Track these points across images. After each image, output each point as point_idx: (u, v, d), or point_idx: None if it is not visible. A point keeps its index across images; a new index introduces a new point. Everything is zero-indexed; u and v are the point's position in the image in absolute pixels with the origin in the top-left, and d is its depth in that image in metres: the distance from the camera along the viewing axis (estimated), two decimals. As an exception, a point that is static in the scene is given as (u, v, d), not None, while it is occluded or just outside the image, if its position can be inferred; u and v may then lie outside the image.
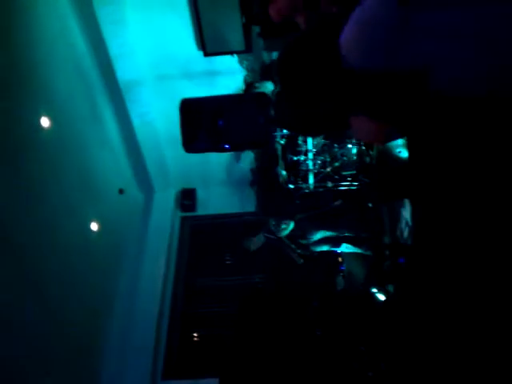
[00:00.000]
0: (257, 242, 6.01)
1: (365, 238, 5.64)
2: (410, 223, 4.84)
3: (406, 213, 4.96)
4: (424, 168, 2.03)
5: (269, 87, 5.82)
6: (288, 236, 5.85)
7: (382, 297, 5.08)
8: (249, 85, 5.91)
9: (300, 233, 5.83)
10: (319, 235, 5.74)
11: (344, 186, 6.07)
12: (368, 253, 5.67)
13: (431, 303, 2.56)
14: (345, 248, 5.70)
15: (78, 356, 5.06)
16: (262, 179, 6.69)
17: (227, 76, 6.08)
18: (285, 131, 5.72)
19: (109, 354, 5.86)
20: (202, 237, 7.57)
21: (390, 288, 5.11)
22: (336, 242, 5.69)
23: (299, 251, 5.87)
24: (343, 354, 4.46)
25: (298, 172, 6.06)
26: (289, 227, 5.81)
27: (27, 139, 4.67)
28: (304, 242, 5.84)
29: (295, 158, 6.00)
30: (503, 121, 1.46)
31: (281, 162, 5.98)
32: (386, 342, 4.19)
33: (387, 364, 3.98)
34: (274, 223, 5.90)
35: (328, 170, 6.01)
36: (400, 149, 5.15)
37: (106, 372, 5.71)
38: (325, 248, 5.76)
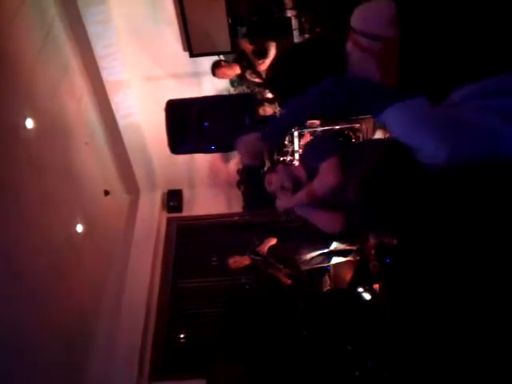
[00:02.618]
0: (240, 262, 5.98)
1: (352, 248, 5.62)
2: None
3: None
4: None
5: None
6: (274, 256, 5.82)
7: (368, 296, 5.11)
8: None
9: (287, 253, 5.79)
10: (308, 255, 5.69)
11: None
12: (357, 258, 5.66)
13: (417, 302, 2.59)
14: (334, 261, 5.68)
15: (63, 356, 5.03)
16: (249, 180, 6.69)
17: (213, 77, 6.07)
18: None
19: (95, 355, 5.82)
20: (188, 238, 7.55)
21: (376, 287, 5.14)
22: (325, 257, 5.67)
23: (286, 270, 5.82)
24: (330, 354, 4.48)
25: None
26: (270, 242, 5.82)
27: (12, 140, 4.64)
28: (292, 262, 5.79)
29: (282, 159, 6.02)
30: None
31: (267, 163, 5.99)
32: (372, 341, 4.22)
33: (374, 363, 4.01)
34: (257, 242, 5.90)
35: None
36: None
37: (92, 373, 5.68)
38: (314, 265, 5.73)
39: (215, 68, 5.74)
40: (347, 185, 2.09)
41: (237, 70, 5.78)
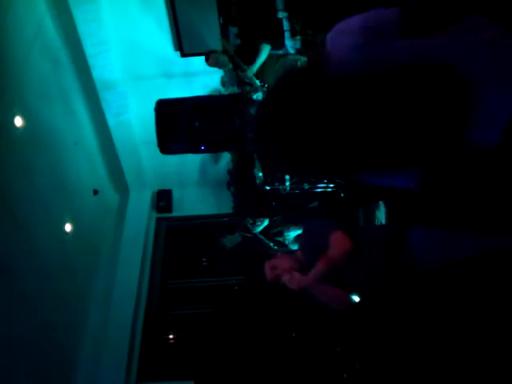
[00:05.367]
0: (233, 239, 6.03)
1: None
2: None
3: (381, 214, 5.01)
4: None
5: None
6: (264, 234, 5.87)
7: (356, 298, 5.10)
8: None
9: (276, 230, 5.86)
10: (295, 233, 5.77)
11: (320, 187, 6.10)
12: None
13: (406, 303, 2.58)
14: None
15: (50, 357, 5.00)
16: (239, 180, 6.68)
17: (204, 76, 6.07)
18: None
19: (83, 356, 5.80)
20: (177, 238, 7.53)
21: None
22: None
23: (276, 248, 5.91)
24: (319, 356, 4.48)
25: (274, 173, 6.07)
26: (263, 223, 5.86)
27: (0, 139, 4.61)
28: (280, 239, 5.86)
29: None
30: None
31: (257, 164, 5.98)
32: (361, 343, 4.22)
33: (362, 365, 4.01)
34: (250, 221, 5.93)
35: (304, 171, 6.01)
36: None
37: (80, 374, 5.66)
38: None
39: (211, 53, 5.67)
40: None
41: (229, 65, 5.75)
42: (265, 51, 5.46)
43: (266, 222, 5.90)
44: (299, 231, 5.78)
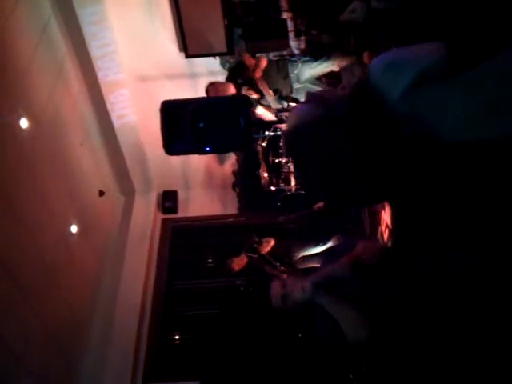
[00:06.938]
0: (239, 262, 6.00)
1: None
2: (390, 226, 4.86)
3: (386, 215, 4.98)
4: (403, 171, 2.03)
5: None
6: (271, 254, 5.83)
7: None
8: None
9: (283, 251, 5.80)
10: (302, 253, 5.71)
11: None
12: None
13: (410, 304, 2.57)
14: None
15: (57, 357, 5.02)
16: (244, 181, 6.68)
17: (209, 78, 6.06)
18: (266, 133, 5.71)
19: (89, 357, 5.81)
20: (183, 239, 7.54)
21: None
22: (319, 258, 5.66)
23: (283, 269, 5.85)
24: (324, 356, 4.47)
25: (279, 174, 6.07)
26: (270, 244, 5.82)
27: (6, 140, 4.62)
28: (287, 260, 5.81)
29: (277, 160, 6.00)
30: None
31: (262, 165, 5.98)
32: (367, 344, 4.21)
33: (368, 366, 4.00)
34: (256, 239, 5.90)
35: (310, 172, 5.99)
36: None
37: (86, 375, 5.67)
38: (308, 265, 5.74)
39: (209, 87, 5.68)
40: None
41: (231, 90, 5.71)
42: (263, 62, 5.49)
43: (272, 243, 5.87)
44: (307, 252, 5.72)
